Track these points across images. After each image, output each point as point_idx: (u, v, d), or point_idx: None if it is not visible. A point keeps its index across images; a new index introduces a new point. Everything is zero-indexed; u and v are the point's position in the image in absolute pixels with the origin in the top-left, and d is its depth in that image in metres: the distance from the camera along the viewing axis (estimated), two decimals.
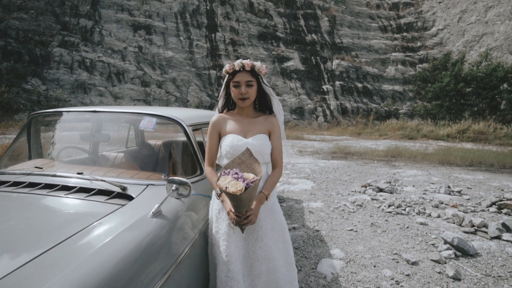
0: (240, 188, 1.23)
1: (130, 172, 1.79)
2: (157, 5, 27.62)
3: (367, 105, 24.86)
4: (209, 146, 1.58)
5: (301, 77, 26.88)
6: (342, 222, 3.66)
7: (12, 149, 2.07)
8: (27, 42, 22.75)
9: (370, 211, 4.01)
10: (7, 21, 22.80)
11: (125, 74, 24.15)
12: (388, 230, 3.34)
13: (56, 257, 0.98)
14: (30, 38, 22.92)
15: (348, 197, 4.70)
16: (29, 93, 20.89)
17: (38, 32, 23.26)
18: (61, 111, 2.19)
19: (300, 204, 4.40)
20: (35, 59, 22.53)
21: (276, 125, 1.61)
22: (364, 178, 6.19)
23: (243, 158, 1.42)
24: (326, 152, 10.31)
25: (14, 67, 21.56)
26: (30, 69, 22.02)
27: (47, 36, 23.50)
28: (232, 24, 28.52)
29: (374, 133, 17.48)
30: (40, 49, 22.87)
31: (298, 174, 6.62)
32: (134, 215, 1.30)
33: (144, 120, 1.87)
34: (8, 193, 1.51)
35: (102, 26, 25.14)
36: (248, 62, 1.50)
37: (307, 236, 3.20)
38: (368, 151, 9.98)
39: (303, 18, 29.77)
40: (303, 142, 13.90)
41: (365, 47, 28.14)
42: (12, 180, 1.66)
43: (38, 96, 20.89)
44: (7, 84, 20.19)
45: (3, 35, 22.21)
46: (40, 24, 23.61)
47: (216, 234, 1.53)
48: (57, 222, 1.25)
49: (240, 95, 1.50)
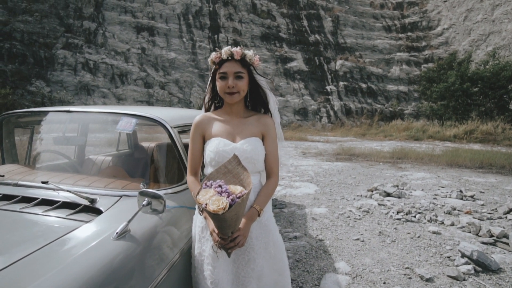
0: (223, 205, 1.00)
1: (105, 180, 1.57)
2: (160, 6, 27.58)
3: (372, 105, 24.49)
4: (191, 151, 1.34)
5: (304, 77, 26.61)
6: (348, 230, 3.40)
7: None
8: (32, 44, 22.82)
9: (378, 218, 3.75)
10: (12, 24, 22.91)
11: (128, 75, 24.10)
12: (398, 240, 3.08)
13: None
14: (35, 40, 22.99)
15: (353, 202, 4.44)
16: (33, 95, 20.92)
17: (42, 35, 23.32)
18: (34, 111, 1.98)
19: (302, 210, 4.15)
20: (40, 61, 22.58)
21: (271, 126, 1.35)
22: (370, 181, 5.92)
23: (229, 167, 1.18)
24: (330, 154, 10.03)
25: (19, 69, 21.63)
26: (35, 71, 22.07)
27: (51, 39, 23.55)
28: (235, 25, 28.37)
29: (379, 134, 17.13)
30: (44, 51, 22.92)
31: (301, 177, 6.37)
32: (97, 235, 1.08)
33: (122, 121, 1.65)
34: None
35: (106, 28, 25.14)
36: (238, 50, 1.25)
37: (310, 247, 2.96)
38: (373, 153, 9.69)
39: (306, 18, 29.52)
40: (306, 143, 13.63)
41: (369, 47, 27.78)
42: None
43: (42, 98, 20.90)
44: (12, 86, 20.25)
45: (9, 38, 22.32)
46: (45, 26, 23.67)
47: (199, 256, 1.29)
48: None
49: (227, 89, 1.25)
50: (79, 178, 1.59)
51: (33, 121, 2.16)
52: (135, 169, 2.38)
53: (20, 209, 1.26)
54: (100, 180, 1.57)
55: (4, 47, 21.79)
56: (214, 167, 1.23)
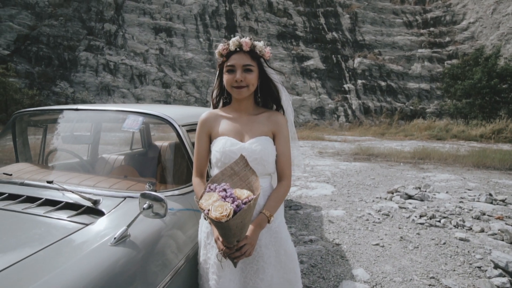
0: (226, 212, 0.90)
1: (111, 180, 1.52)
2: (178, 7, 28.00)
3: (391, 104, 23.71)
4: (197, 151, 1.25)
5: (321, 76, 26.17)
6: (366, 234, 3.23)
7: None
8: (57, 47, 23.79)
9: (399, 222, 3.54)
10: (39, 28, 23.99)
11: (146, 76, 24.63)
12: (421, 246, 2.88)
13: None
14: (59, 43, 23.95)
15: (372, 205, 4.24)
16: (58, 96, 21.81)
17: (66, 38, 24.26)
18: (44, 110, 1.98)
19: (318, 212, 4.00)
20: (64, 63, 23.50)
21: (283, 124, 1.24)
22: (389, 182, 5.67)
23: (236, 169, 1.08)
24: (347, 154, 9.75)
25: (45, 71, 22.62)
26: (59, 73, 23.00)
27: (74, 41, 24.45)
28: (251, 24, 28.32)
29: (399, 134, 16.54)
30: (68, 54, 23.83)
31: (318, 177, 6.20)
32: (95, 239, 1.02)
33: (128, 119, 1.59)
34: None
35: (125, 30, 25.81)
36: (247, 40, 1.15)
37: (326, 251, 2.82)
38: (393, 153, 9.32)
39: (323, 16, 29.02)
40: (323, 142, 13.36)
41: (389, 44, 26.91)
42: None
43: (66, 98, 21.76)
44: (39, 87, 21.22)
45: (36, 42, 23.39)
46: (68, 30, 24.60)
47: (205, 263, 1.20)
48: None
49: (234, 83, 1.15)
50: (85, 178, 1.55)
51: (45, 119, 2.17)
52: (146, 169, 2.33)
53: (22, 209, 1.22)
54: (106, 180, 1.52)
55: (32, 50, 22.85)
56: (220, 169, 1.14)
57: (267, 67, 1.22)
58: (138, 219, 1.11)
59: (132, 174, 2.02)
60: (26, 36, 23.04)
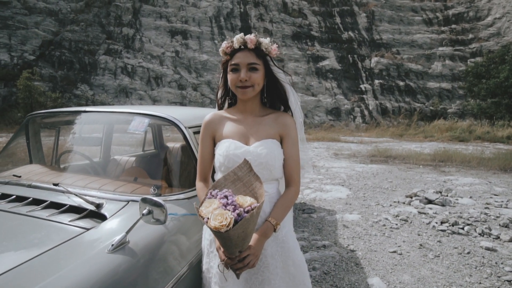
0: (226, 221, 0.84)
1: (116, 183, 1.50)
2: (193, 10, 28.40)
3: (410, 104, 22.97)
4: (200, 154, 1.19)
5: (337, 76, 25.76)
6: (383, 240, 3.08)
7: (6, 153, 1.90)
8: (78, 51, 24.71)
9: (418, 228, 3.37)
10: (62, 34, 25.00)
11: (163, 78, 25.11)
12: (443, 255, 2.71)
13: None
14: (80, 48, 24.86)
15: (390, 209, 4.07)
16: (78, 98, 22.61)
17: (87, 42, 25.15)
18: (55, 112, 1.99)
19: (333, 216, 3.88)
20: (84, 67, 24.36)
21: (291, 126, 1.17)
22: (408, 186, 5.44)
23: (239, 174, 1.01)
24: (364, 155, 9.49)
25: (67, 74, 23.54)
26: (80, 76, 23.86)
27: (94, 45, 25.31)
28: (266, 25, 28.31)
29: (418, 135, 15.98)
30: (89, 58, 24.70)
31: (333, 180, 6.04)
32: (93, 246, 0.98)
33: (134, 121, 1.57)
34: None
35: (143, 33, 26.44)
36: (252, 37, 1.09)
37: (340, 258, 2.71)
38: (412, 155, 8.98)
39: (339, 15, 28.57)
40: (339, 144, 13.09)
41: (407, 42, 26.12)
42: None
43: (86, 101, 22.54)
44: (61, 90, 22.10)
45: (59, 47, 24.40)
46: (89, 34, 25.50)
47: (207, 272, 1.15)
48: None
49: (239, 82, 1.08)
50: (91, 180, 1.54)
51: (57, 121, 2.19)
52: (156, 171, 2.31)
53: (27, 212, 1.22)
54: (111, 183, 1.50)
55: (55, 55, 23.85)
56: (224, 173, 1.07)
57: (273, 66, 1.15)
58: (138, 224, 1.07)
59: (142, 176, 2.00)
60: (50, 42, 24.06)
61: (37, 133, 2.09)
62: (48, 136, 2.36)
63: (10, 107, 19.99)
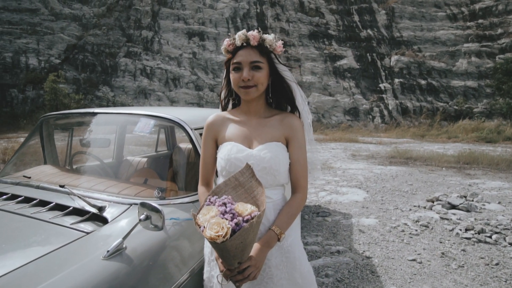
0: (223, 232, 0.78)
1: (122, 185, 1.48)
2: (210, 12, 28.72)
3: (432, 104, 22.07)
4: (202, 157, 1.14)
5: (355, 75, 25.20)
6: (402, 247, 2.93)
7: (20, 154, 1.94)
8: (100, 54, 25.64)
9: (440, 235, 3.18)
10: (85, 38, 26.04)
11: (180, 79, 25.56)
12: (468, 266, 2.53)
13: None
14: (102, 51, 25.78)
15: (409, 214, 3.88)
16: (100, 100, 23.44)
17: (108, 45, 26.04)
18: (67, 113, 2.02)
19: (348, 220, 3.74)
20: (106, 69, 25.22)
21: (298, 127, 1.09)
22: (429, 189, 5.18)
23: (241, 179, 0.95)
24: (383, 157, 9.18)
25: (90, 77, 24.48)
26: (102, 78, 24.73)
27: (115, 48, 26.16)
28: (282, 25, 28.16)
29: (441, 135, 15.32)
30: (110, 60, 25.55)
31: (349, 182, 5.87)
32: (90, 251, 0.96)
33: (140, 122, 1.55)
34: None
35: (161, 35, 27.03)
36: (254, 34, 1.02)
37: (355, 265, 2.59)
38: (434, 156, 8.59)
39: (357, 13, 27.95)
40: (357, 144, 12.77)
41: (430, 39, 25.12)
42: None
43: (107, 102, 23.34)
44: (84, 92, 23.01)
45: (82, 50, 25.43)
46: (110, 38, 26.38)
47: (208, 281, 1.09)
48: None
49: (241, 82, 1.03)
50: (98, 182, 1.53)
51: (70, 122, 2.22)
52: (165, 172, 2.30)
53: (31, 213, 1.22)
54: (117, 185, 1.48)
55: (78, 58, 24.87)
56: (226, 178, 1.02)
57: (278, 64, 1.08)
58: (138, 229, 1.04)
59: (152, 177, 1.99)
60: (74, 46, 25.11)
61: (50, 134, 2.13)
62: (64, 137, 2.41)
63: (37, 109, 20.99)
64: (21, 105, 21.79)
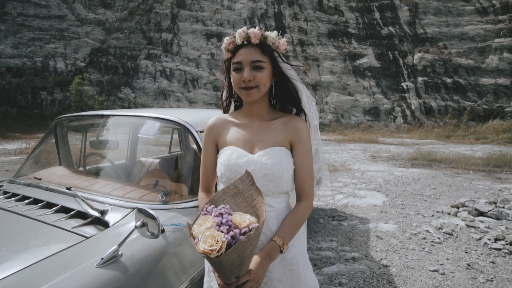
0: (217, 246, 0.71)
1: (127, 188, 1.47)
2: (228, 13, 28.96)
3: (459, 103, 21.01)
4: (203, 162, 1.09)
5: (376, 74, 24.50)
6: (422, 256, 2.76)
7: (35, 155, 1.99)
8: (122, 57, 26.54)
9: (466, 245, 2.97)
10: (108, 41, 27.06)
11: (199, 80, 25.95)
12: (498, 280, 2.33)
13: None
14: (124, 54, 26.68)
15: (432, 220, 3.66)
16: (122, 101, 24.26)
17: (129, 48, 26.91)
18: (78, 116, 2.05)
19: (365, 225, 3.59)
20: (127, 71, 26.06)
21: (304, 131, 1.01)
22: (455, 194, 4.90)
23: (240, 187, 0.89)
24: (404, 158, 8.82)
25: (112, 79, 25.40)
26: (123, 80, 25.59)
27: (136, 51, 26.98)
28: (300, 24, 27.89)
29: (469, 136, 14.54)
30: (131, 63, 26.39)
31: (368, 185, 5.66)
32: (85, 257, 0.93)
33: (146, 125, 1.53)
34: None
35: (180, 37, 27.57)
36: (255, 31, 0.95)
37: (370, 273, 2.46)
38: (460, 159, 8.14)
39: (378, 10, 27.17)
40: (377, 146, 12.37)
41: (457, 35, 23.96)
42: (11, 192, 1.51)
43: (128, 103, 24.13)
44: (107, 93, 23.91)
45: (105, 53, 26.45)
46: (131, 41, 27.24)
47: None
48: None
49: (242, 83, 0.96)
50: (104, 185, 1.53)
51: (84, 124, 2.26)
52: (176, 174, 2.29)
53: (36, 216, 1.23)
54: (122, 188, 1.47)
55: (102, 61, 25.87)
56: (226, 185, 0.96)
57: (282, 63, 1.00)
58: (136, 235, 1.01)
59: (163, 179, 1.98)
60: (98, 49, 26.15)
61: (64, 136, 2.17)
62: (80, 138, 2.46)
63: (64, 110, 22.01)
64: (50, 106, 22.96)
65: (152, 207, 1.30)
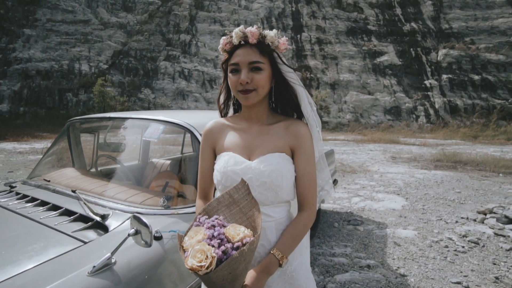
0: (206, 262, 0.66)
1: (130, 191, 1.45)
2: (245, 13, 29.03)
3: (488, 101, 19.89)
4: (200, 168, 1.04)
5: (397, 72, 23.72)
6: (444, 266, 2.58)
7: (47, 157, 2.03)
8: (142, 59, 27.29)
9: (493, 255, 2.76)
10: (129, 44, 27.92)
11: (216, 80, 26.21)
12: None
13: None
14: (144, 55, 27.42)
15: (455, 227, 3.45)
16: (142, 101, 24.95)
17: (149, 50, 27.62)
18: (88, 118, 2.07)
19: (383, 230, 3.43)
20: (147, 73, 26.76)
21: (306, 136, 0.95)
22: (482, 199, 4.60)
23: (236, 197, 0.83)
24: (427, 160, 8.44)
25: (133, 80, 26.18)
26: (144, 81, 26.30)
27: (155, 53, 27.65)
28: (318, 23, 27.49)
29: (498, 137, 13.73)
30: (151, 64, 27.07)
31: (387, 187, 5.45)
32: (79, 264, 0.91)
33: (150, 128, 1.51)
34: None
35: (198, 38, 27.97)
36: (253, 30, 0.89)
37: (386, 282, 2.33)
38: (488, 160, 7.68)
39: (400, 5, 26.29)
40: (398, 146, 11.94)
41: (485, 29, 22.72)
42: (22, 193, 1.54)
43: (148, 104, 24.78)
44: (128, 94, 24.68)
45: (127, 55, 27.30)
46: (151, 43, 27.93)
47: None
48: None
49: (239, 86, 0.90)
50: (109, 187, 1.53)
51: (95, 126, 2.29)
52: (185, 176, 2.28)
53: (40, 218, 1.23)
54: (126, 191, 1.46)
55: (123, 63, 26.72)
56: (222, 193, 0.91)
57: (281, 64, 0.94)
58: (130, 243, 0.98)
59: (172, 179, 1.97)
60: (120, 52, 27.03)
61: (77, 138, 2.21)
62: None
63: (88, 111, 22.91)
64: (75, 107, 24.00)
65: (153, 212, 1.27)
